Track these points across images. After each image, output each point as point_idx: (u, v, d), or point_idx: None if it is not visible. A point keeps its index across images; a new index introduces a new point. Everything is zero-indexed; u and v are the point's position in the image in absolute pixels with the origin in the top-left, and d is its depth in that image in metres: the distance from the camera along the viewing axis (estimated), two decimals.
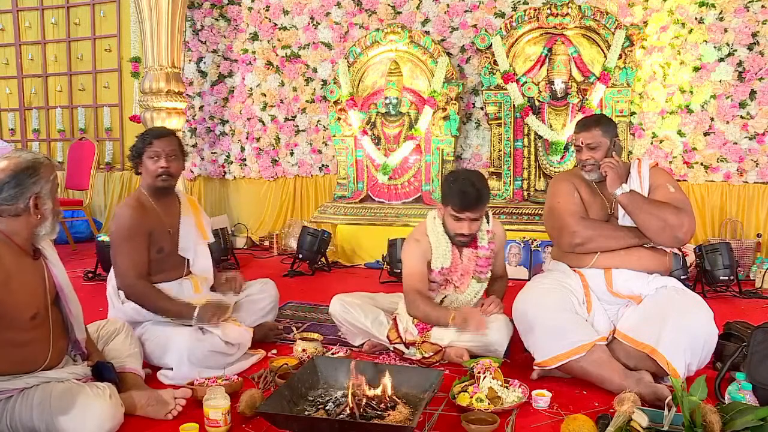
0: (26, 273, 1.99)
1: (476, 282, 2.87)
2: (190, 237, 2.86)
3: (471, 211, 2.67)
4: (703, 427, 1.78)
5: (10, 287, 1.90)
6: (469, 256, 2.83)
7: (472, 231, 2.73)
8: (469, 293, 2.87)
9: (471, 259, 2.84)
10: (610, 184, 2.57)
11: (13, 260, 1.94)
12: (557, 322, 2.44)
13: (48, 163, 2.01)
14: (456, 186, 2.68)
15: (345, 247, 5.24)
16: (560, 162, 4.95)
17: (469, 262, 2.84)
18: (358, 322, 2.86)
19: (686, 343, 2.32)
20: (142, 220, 2.68)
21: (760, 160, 4.81)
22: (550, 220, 2.74)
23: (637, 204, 2.53)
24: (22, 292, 1.94)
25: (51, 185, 2.00)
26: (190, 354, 2.50)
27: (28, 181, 1.94)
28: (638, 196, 2.56)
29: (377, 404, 2.00)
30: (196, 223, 2.91)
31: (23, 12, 6.95)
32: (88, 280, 4.55)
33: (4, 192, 1.92)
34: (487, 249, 2.84)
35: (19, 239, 1.98)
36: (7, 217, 1.94)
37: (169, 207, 2.84)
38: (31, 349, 1.99)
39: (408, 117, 5.28)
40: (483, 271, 2.86)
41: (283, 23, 5.95)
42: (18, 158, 1.96)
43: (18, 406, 1.92)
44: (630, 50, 4.73)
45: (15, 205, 1.93)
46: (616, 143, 2.70)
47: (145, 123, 5.32)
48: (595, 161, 2.66)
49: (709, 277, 4.05)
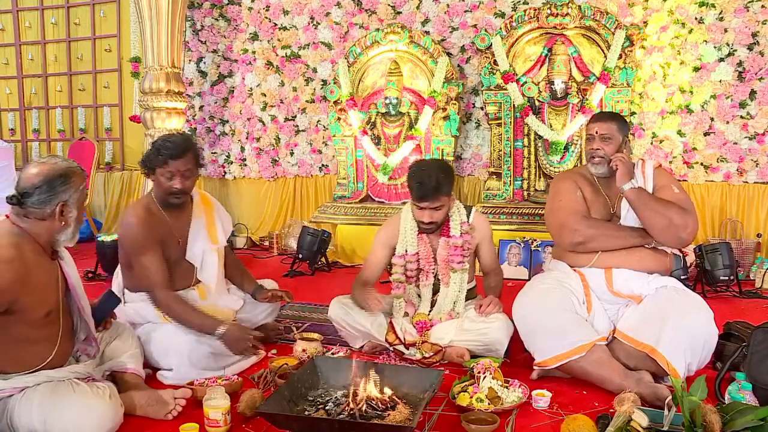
0: (44, 272, 2.03)
1: (452, 272, 2.86)
2: (198, 243, 2.78)
3: (428, 201, 2.71)
4: (703, 427, 1.78)
5: (29, 284, 1.94)
6: (443, 245, 2.86)
7: (433, 219, 2.77)
8: (453, 286, 2.87)
9: (445, 248, 2.85)
10: (619, 178, 2.56)
11: (34, 258, 1.98)
12: (557, 322, 2.44)
13: (80, 172, 2.07)
14: (415, 177, 2.74)
15: (345, 247, 5.24)
16: (560, 162, 4.94)
17: (443, 251, 2.85)
18: (357, 324, 2.86)
19: (686, 342, 2.32)
20: (151, 230, 2.63)
21: (760, 160, 4.81)
22: (552, 218, 2.74)
23: (644, 200, 2.52)
24: (39, 290, 1.99)
25: (80, 194, 2.05)
26: (190, 355, 2.50)
27: (59, 188, 1.99)
28: (645, 193, 2.56)
29: (377, 404, 2.00)
30: (207, 225, 2.83)
31: (23, 12, 6.95)
32: (89, 280, 4.55)
33: (35, 196, 1.97)
34: (459, 238, 2.85)
35: (41, 240, 2.02)
36: (33, 219, 1.99)
37: (179, 213, 2.77)
38: (39, 346, 2.02)
39: (408, 117, 5.28)
40: (455, 261, 2.85)
41: (283, 23, 5.95)
42: (53, 164, 2.01)
43: (18, 405, 1.93)
44: (630, 50, 4.73)
45: (43, 210, 1.98)
46: (627, 143, 2.71)
47: (145, 123, 5.32)
48: (605, 154, 2.65)
49: (709, 277, 4.05)
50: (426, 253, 2.87)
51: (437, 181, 2.69)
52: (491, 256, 3.04)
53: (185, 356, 2.49)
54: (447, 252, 2.85)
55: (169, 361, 2.53)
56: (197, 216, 2.82)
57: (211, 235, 2.84)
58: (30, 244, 1.99)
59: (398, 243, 2.90)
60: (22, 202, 1.97)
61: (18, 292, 1.90)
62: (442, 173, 2.74)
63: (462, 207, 2.93)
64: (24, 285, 1.92)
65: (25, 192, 1.96)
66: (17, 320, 1.94)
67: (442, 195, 2.72)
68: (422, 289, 2.92)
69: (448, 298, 2.87)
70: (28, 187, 1.97)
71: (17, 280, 1.89)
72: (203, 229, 2.81)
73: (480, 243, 2.95)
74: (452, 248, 2.84)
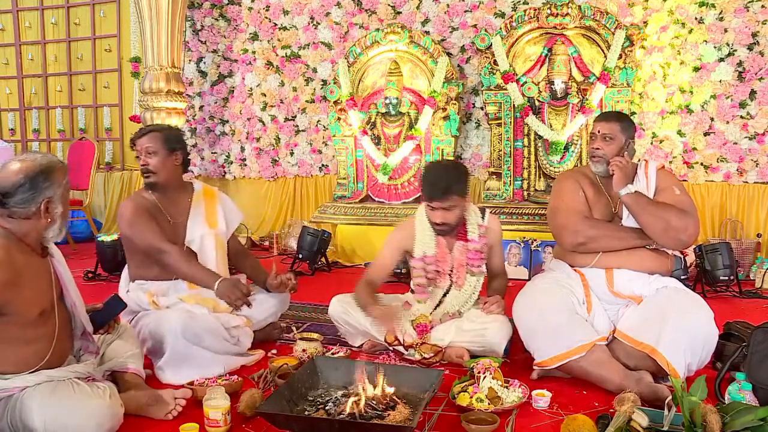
0: (35, 271, 2.00)
1: (470, 276, 2.86)
2: (197, 228, 2.87)
3: (439, 201, 2.71)
4: (703, 427, 1.78)
5: (20, 286, 1.91)
6: (460, 249, 2.84)
7: (446, 220, 2.75)
8: (467, 289, 2.87)
9: (462, 252, 2.84)
10: (615, 183, 2.57)
11: (23, 259, 1.95)
12: (557, 323, 2.44)
13: (61, 166, 2.01)
14: (427, 177, 2.76)
15: (345, 247, 5.24)
16: (560, 162, 4.94)
17: (460, 255, 2.84)
18: (357, 322, 2.86)
19: (686, 343, 2.32)
20: (141, 209, 2.75)
21: (760, 160, 4.82)
22: (554, 218, 2.73)
23: (641, 205, 2.52)
24: (31, 291, 1.96)
25: (62, 189, 2.00)
26: (184, 330, 2.52)
27: (42, 185, 1.93)
28: (643, 197, 2.55)
29: (377, 404, 2.00)
30: (206, 212, 2.91)
31: (23, 12, 6.95)
32: (88, 280, 4.55)
33: (17, 195, 1.91)
34: (477, 242, 2.84)
35: (29, 239, 1.99)
36: (18, 219, 1.94)
37: (175, 200, 2.88)
38: (35, 346, 1.99)
39: (408, 117, 5.28)
40: (474, 264, 2.85)
41: (283, 23, 5.95)
42: (33, 161, 1.95)
43: (19, 404, 1.92)
44: (630, 50, 4.73)
45: (27, 209, 1.93)
46: (630, 145, 2.69)
47: (145, 123, 5.33)
48: (604, 154, 2.65)
49: (709, 277, 4.05)
50: (443, 257, 2.85)
51: (448, 181, 2.70)
52: (501, 259, 3.04)
53: (178, 329, 2.51)
54: (464, 256, 2.84)
55: (165, 339, 2.53)
56: (196, 205, 2.92)
57: (209, 221, 2.91)
58: (17, 245, 1.94)
59: (416, 246, 2.86)
60: (5, 203, 1.91)
61: (9, 294, 1.87)
62: (454, 173, 2.75)
63: (477, 209, 2.91)
64: (15, 287, 1.89)
65: (7, 192, 1.90)
66: (9, 321, 1.91)
67: (453, 195, 2.71)
68: (434, 291, 2.90)
69: (458, 300, 2.86)
70: (8, 186, 1.90)
71: (8, 282, 1.86)
72: (201, 216, 2.90)
73: (493, 245, 2.95)
74: (472, 252, 2.83)
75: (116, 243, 4.58)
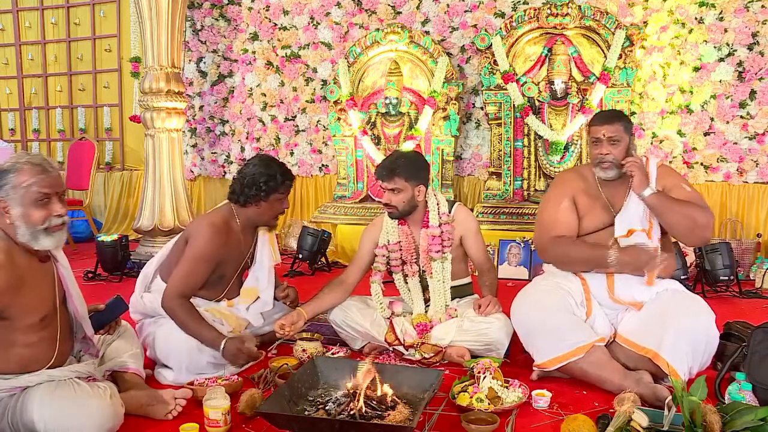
0: (38, 276, 1.99)
1: (433, 261, 2.87)
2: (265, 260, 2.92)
3: (384, 182, 2.84)
4: (703, 427, 1.78)
5: (22, 291, 1.90)
6: (423, 236, 2.90)
7: (390, 202, 2.85)
8: (436, 275, 2.88)
9: (425, 240, 2.89)
10: (637, 185, 2.48)
11: (25, 263, 1.95)
12: (556, 324, 2.43)
13: (30, 168, 1.90)
14: (383, 160, 2.96)
15: (345, 247, 5.23)
16: (560, 162, 4.94)
17: (424, 243, 2.89)
18: (357, 324, 2.86)
19: (688, 346, 2.30)
20: (221, 248, 2.68)
21: (760, 160, 4.82)
22: (535, 228, 2.77)
23: (668, 205, 2.45)
24: (33, 295, 1.95)
25: (24, 192, 1.90)
26: (189, 365, 2.53)
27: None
28: (666, 196, 2.47)
29: (377, 404, 1.99)
30: (270, 240, 2.96)
31: (23, 12, 6.95)
32: (88, 280, 4.55)
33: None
34: (437, 228, 2.87)
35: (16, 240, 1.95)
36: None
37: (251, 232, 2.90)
38: (37, 349, 1.99)
39: (408, 117, 5.28)
40: (433, 249, 2.86)
41: (283, 23, 5.95)
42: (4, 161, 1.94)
43: (20, 404, 1.92)
44: (630, 50, 4.73)
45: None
46: (633, 142, 2.62)
47: (145, 123, 5.31)
48: (614, 158, 2.54)
49: (709, 277, 4.04)
50: (408, 245, 2.93)
51: (396, 164, 2.82)
52: (480, 251, 2.97)
53: (183, 364, 2.52)
54: (426, 242, 2.88)
55: (169, 362, 2.56)
56: (262, 233, 2.95)
57: (275, 252, 3.00)
58: (17, 247, 1.93)
59: (380, 235, 2.98)
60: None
61: (10, 297, 1.86)
62: (404, 160, 2.88)
63: (443, 200, 2.96)
64: (16, 290, 1.88)
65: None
66: (10, 326, 1.91)
67: (398, 177, 2.79)
68: (410, 283, 2.95)
69: (438, 290, 2.88)
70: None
71: (9, 285, 1.86)
72: (267, 245, 2.94)
73: (464, 236, 2.93)
74: (430, 238, 2.87)
75: (116, 243, 4.58)
